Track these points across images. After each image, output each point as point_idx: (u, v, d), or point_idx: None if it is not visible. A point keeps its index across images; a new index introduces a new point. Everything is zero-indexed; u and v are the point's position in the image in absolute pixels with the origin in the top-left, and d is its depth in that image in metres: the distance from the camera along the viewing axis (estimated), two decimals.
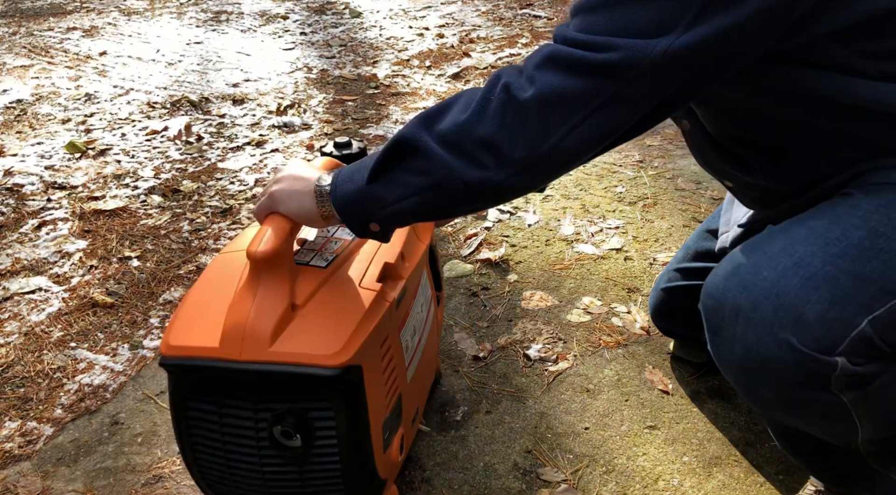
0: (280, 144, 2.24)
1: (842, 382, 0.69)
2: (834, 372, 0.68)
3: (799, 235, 0.72)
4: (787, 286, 0.68)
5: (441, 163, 0.70)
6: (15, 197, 1.94)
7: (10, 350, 1.37)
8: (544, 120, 0.68)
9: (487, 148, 0.69)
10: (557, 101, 0.67)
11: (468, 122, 0.69)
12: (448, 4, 3.83)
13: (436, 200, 0.73)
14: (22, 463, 1.12)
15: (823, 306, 0.67)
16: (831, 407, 0.72)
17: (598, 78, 0.66)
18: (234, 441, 0.83)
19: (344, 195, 0.77)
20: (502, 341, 1.34)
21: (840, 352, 0.67)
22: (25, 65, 3.06)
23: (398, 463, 0.94)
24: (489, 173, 0.69)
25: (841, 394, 0.71)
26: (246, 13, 3.83)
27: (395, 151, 0.73)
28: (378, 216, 0.76)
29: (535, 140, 0.68)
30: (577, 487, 1.03)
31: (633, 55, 0.65)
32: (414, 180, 0.72)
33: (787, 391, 0.71)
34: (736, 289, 0.72)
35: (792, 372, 0.69)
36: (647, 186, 1.89)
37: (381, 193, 0.74)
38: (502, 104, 0.69)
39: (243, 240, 0.94)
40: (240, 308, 0.79)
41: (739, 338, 0.71)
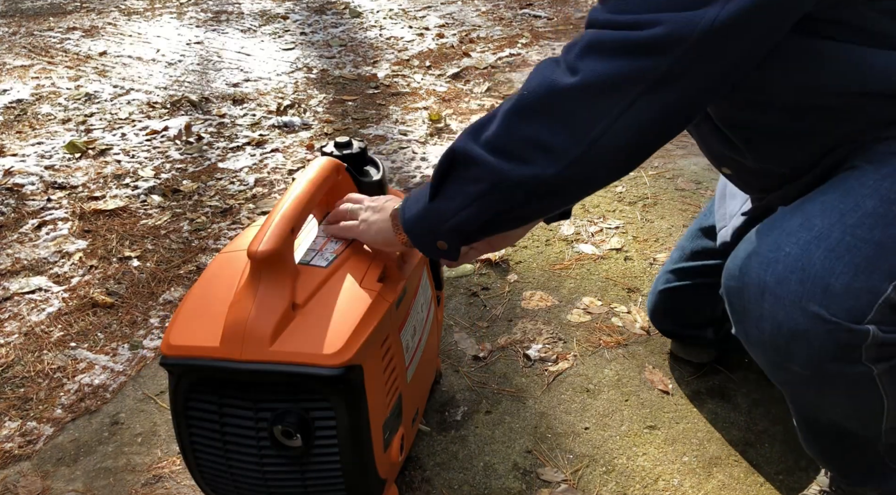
0: (280, 144, 2.24)
1: (873, 352, 0.69)
2: (865, 341, 0.67)
3: (814, 210, 0.71)
4: (810, 259, 0.68)
5: (490, 167, 0.69)
6: (15, 197, 1.94)
7: (10, 350, 1.37)
8: (589, 107, 0.65)
9: (534, 144, 0.67)
10: (603, 86, 0.64)
11: (511, 122, 0.68)
12: (448, 4, 3.83)
13: (494, 206, 0.72)
14: (22, 463, 1.12)
15: (849, 275, 0.67)
16: (859, 383, 0.72)
17: (645, 57, 0.62)
18: (235, 440, 0.83)
19: (411, 216, 0.79)
20: (502, 341, 1.34)
21: (870, 320, 0.67)
22: (25, 65, 3.06)
23: (398, 463, 0.94)
24: (538, 169, 0.67)
25: (872, 366, 0.70)
26: (246, 13, 3.83)
27: (448, 164, 0.74)
28: (442, 231, 0.76)
29: (582, 129, 0.65)
30: (577, 487, 1.03)
31: (681, 28, 0.61)
32: (469, 189, 0.72)
33: (820, 364, 0.70)
34: (759, 268, 0.71)
35: (824, 344, 0.68)
36: (647, 186, 1.89)
37: (442, 208, 0.75)
38: (542, 97, 0.67)
39: (244, 239, 0.94)
40: (240, 307, 0.79)
41: (768, 316, 0.71)
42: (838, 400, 0.78)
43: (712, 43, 0.62)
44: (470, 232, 0.76)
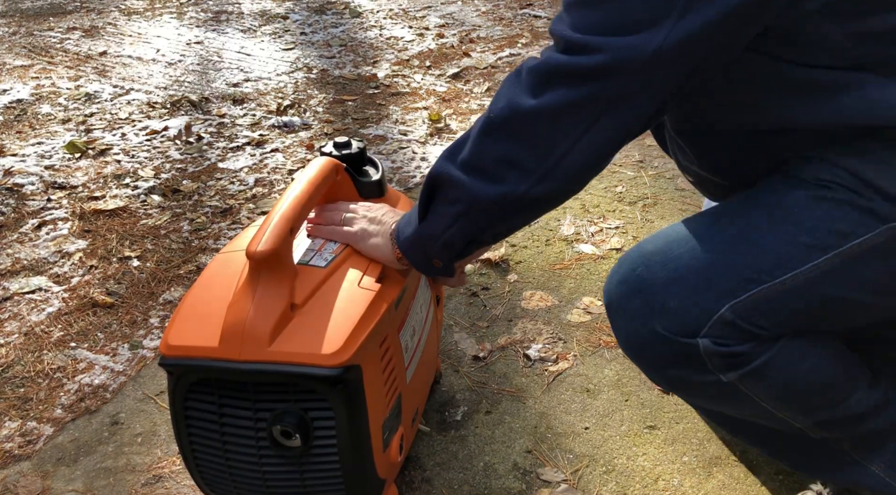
0: (280, 144, 2.24)
1: (717, 363, 0.74)
2: (699, 352, 0.74)
3: (678, 232, 0.78)
4: (654, 280, 0.75)
5: (466, 187, 0.74)
6: (15, 197, 1.94)
7: (10, 350, 1.37)
8: (551, 129, 0.69)
9: (504, 163, 0.71)
10: (560, 112, 0.68)
11: (482, 143, 0.72)
12: (448, 4, 3.83)
13: (474, 224, 0.76)
14: (22, 463, 1.12)
15: (684, 295, 0.74)
16: (721, 389, 0.77)
17: (593, 83, 0.66)
18: (234, 440, 0.83)
19: (405, 239, 0.83)
20: (502, 341, 1.34)
21: (703, 334, 0.73)
22: (25, 65, 3.06)
23: (398, 464, 0.94)
24: (510, 187, 0.72)
25: (721, 374, 0.75)
26: (246, 13, 3.83)
27: (431, 187, 0.78)
28: (434, 251, 0.81)
29: (547, 148, 0.70)
30: (577, 487, 1.03)
31: (626, 55, 0.64)
32: (450, 210, 0.76)
33: (667, 372, 0.78)
34: (616, 286, 0.79)
35: (664, 354, 0.76)
36: (647, 186, 1.89)
37: (430, 229, 0.79)
38: (507, 119, 0.71)
39: (243, 239, 0.94)
40: (239, 307, 0.79)
41: (622, 329, 0.79)
42: (713, 403, 0.83)
43: (658, 68, 0.65)
44: (458, 249, 0.80)
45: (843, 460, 0.86)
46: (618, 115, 0.68)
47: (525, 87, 0.70)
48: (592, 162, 0.72)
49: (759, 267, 0.72)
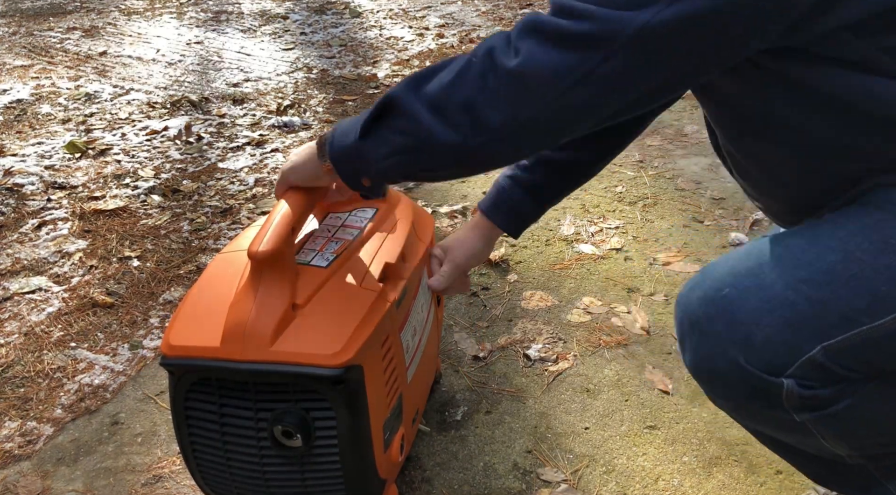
0: (280, 144, 2.24)
1: (795, 402, 0.70)
2: (781, 393, 0.69)
3: (773, 254, 0.71)
4: (742, 306, 0.70)
5: (423, 125, 0.71)
6: (15, 197, 1.94)
7: (10, 350, 1.37)
8: (524, 90, 0.67)
9: (467, 111, 0.69)
10: (537, 73, 0.65)
11: (451, 84, 0.70)
12: (448, 4, 3.83)
13: (417, 161, 0.74)
14: (22, 463, 1.12)
15: (774, 329, 0.68)
16: (787, 424, 0.73)
17: (575, 51, 0.64)
18: (235, 440, 0.83)
19: (339, 149, 0.78)
20: (502, 341, 1.34)
21: (789, 374, 0.68)
22: (25, 65, 3.06)
23: (398, 463, 0.94)
24: (465, 138, 0.69)
25: (795, 414, 0.71)
26: (246, 13, 3.83)
27: (384, 109, 0.74)
28: (367, 172, 0.77)
29: (513, 109, 0.67)
30: (577, 487, 1.04)
31: (612, 27, 0.62)
32: (398, 140, 0.73)
33: (738, 404, 0.74)
34: (697, 302, 0.73)
35: (739, 387, 0.71)
36: (647, 186, 1.89)
37: (370, 150, 0.75)
38: (485, 69, 0.68)
39: (244, 239, 0.94)
40: (241, 307, 0.79)
41: (695, 349, 0.74)
42: (777, 432, 0.79)
43: (640, 46, 0.62)
44: (392, 178, 0.78)
45: (871, 480, 0.83)
46: (593, 88, 0.65)
47: (511, 40, 0.68)
48: (554, 131, 0.70)
49: (859, 305, 0.66)
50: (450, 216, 1.78)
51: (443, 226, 1.74)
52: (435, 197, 1.89)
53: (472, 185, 1.93)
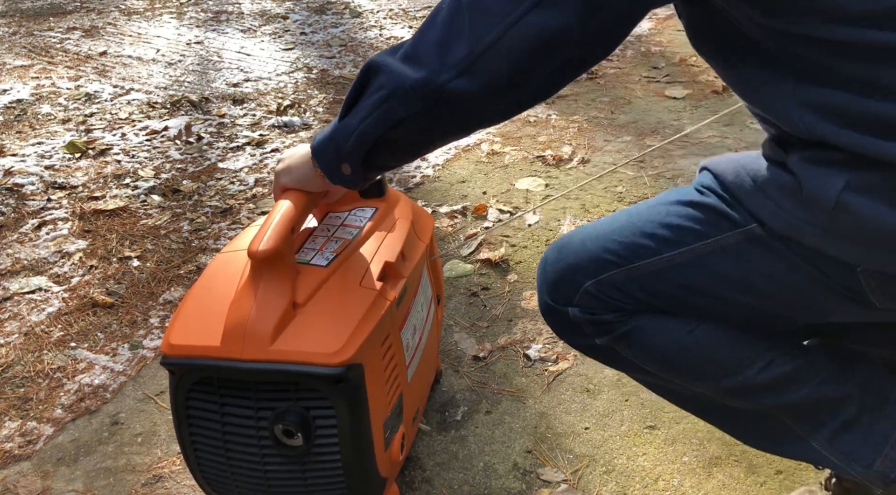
0: (280, 144, 2.24)
1: (589, 329, 0.85)
2: (569, 318, 0.84)
3: (601, 220, 0.88)
4: (548, 258, 0.88)
5: (395, 73, 0.71)
6: (15, 197, 1.94)
7: (10, 350, 1.37)
8: (485, 15, 0.67)
9: (436, 48, 0.69)
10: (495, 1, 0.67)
11: (424, 30, 0.71)
12: None
13: (392, 114, 0.72)
14: (22, 463, 1.12)
15: (563, 271, 0.85)
16: (603, 352, 0.87)
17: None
18: (236, 439, 0.83)
19: (320, 139, 0.79)
20: (502, 341, 1.34)
21: (574, 303, 0.84)
22: (25, 65, 3.06)
23: (399, 462, 0.94)
24: (431, 73, 0.69)
25: (595, 339, 0.85)
26: (246, 13, 3.83)
27: (361, 78, 0.74)
28: (345, 151, 0.76)
29: (475, 36, 0.68)
30: (577, 487, 1.03)
31: None
32: (372, 98, 0.73)
33: (561, 335, 0.90)
34: (547, 252, 0.91)
35: (553, 321, 0.88)
36: (647, 186, 1.89)
37: (348, 122, 0.75)
38: (452, 8, 0.69)
39: (244, 239, 0.94)
40: (241, 307, 0.79)
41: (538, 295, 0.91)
42: (617, 366, 0.92)
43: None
44: (369, 149, 0.75)
45: (788, 434, 0.88)
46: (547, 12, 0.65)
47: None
48: (515, 64, 0.68)
49: (619, 252, 0.82)
50: (449, 216, 1.78)
51: (443, 226, 1.74)
52: (435, 197, 1.89)
53: (471, 185, 1.93)
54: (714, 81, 2.58)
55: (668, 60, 2.86)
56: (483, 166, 2.04)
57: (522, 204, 1.82)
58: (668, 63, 2.83)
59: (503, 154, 2.11)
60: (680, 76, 2.70)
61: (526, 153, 2.11)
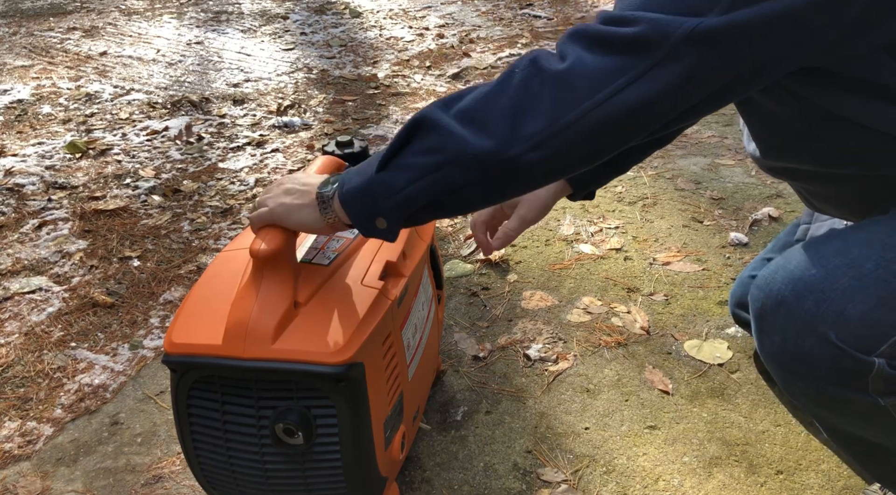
0: (280, 144, 2.24)
1: (880, 385, 0.69)
2: (870, 372, 0.68)
3: (857, 239, 0.71)
4: (833, 283, 0.68)
5: (455, 137, 0.66)
6: (15, 197, 1.94)
7: (10, 350, 1.37)
8: (569, 91, 0.64)
9: (507, 117, 0.65)
10: (584, 74, 0.64)
11: (490, 93, 0.67)
12: (448, 4, 3.83)
13: (447, 180, 0.67)
14: (22, 463, 1.12)
15: (868, 306, 0.67)
16: (872, 410, 0.72)
17: (624, 54, 0.63)
18: (237, 438, 0.83)
19: (351, 189, 0.72)
20: (502, 341, 1.34)
21: (880, 353, 0.67)
22: (26, 65, 3.06)
23: (399, 461, 0.94)
24: (501, 144, 0.65)
25: (879, 398, 0.70)
26: (246, 13, 3.83)
27: (408, 132, 0.69)
28: (385, 207, 0.71)
29: (557, 112, 0.64)
30: (577, 487, 1.04)
31: (661, 30, 0.61)
32: (425, 161, 0.67)
33: (822, 386, 0.71)
34: (783, 282, 0.72)
35: (826, 366, 0.69)
36: (647, 186, 1.89)
37: (390, 180, 0.69)
38: (528, 76, 0.66)
39: (245, 238, 0.94)
40: (242, 305, 0.79)
41: (779, 328, 0.72)
42: (855, 422, 0.77)
43: (686, 51, 0.61)
44: (415, 210, 0.71)
45: None
46: (641, 91, 0.62)
47: (556, 49, 0.67)
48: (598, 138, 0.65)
49: None
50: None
51: (443, 226, 1.74)
52: None
53: None
54: None
55: None
56: None
57: None
58: None
59: None
60: None
61: None
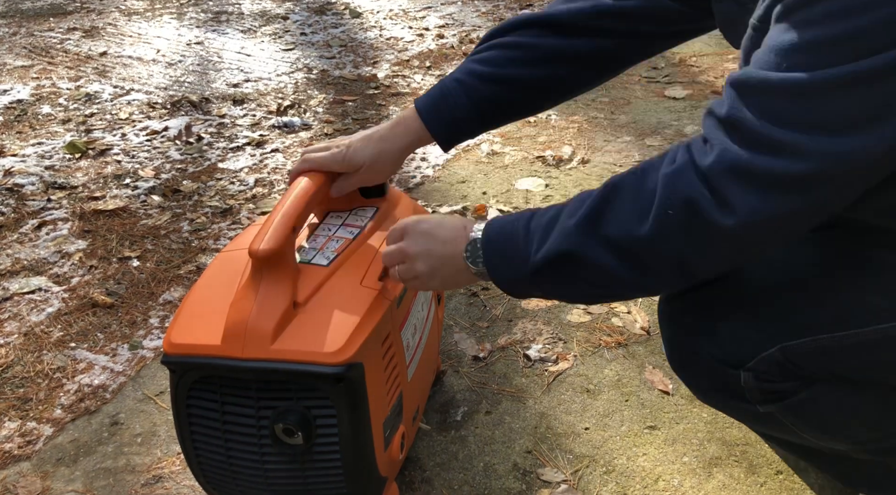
0: (280, 144, 2.24)
1: (756, 395, 0.73)
2: (739, 383, 0.72)
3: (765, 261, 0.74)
4: (714, 301, 0.73)
5: (615, 277, 0.65)
6: (15, 197, 1.94)
7: (10, 350, 1.37)
8: (745, 246, 0.62)
9: (674, 264, 0.63)
10: (759, 229, 0.60)
11: (650, 238, 0.62)
12: (448, 5, 3.83)
13: (599, 299, 0.74)
14: (22, 464, 1.12)
15: (739, 325, 0.71)
16: (758, 416, 0.76)
17: (796, 193, 0.58)
18: (236, 438, 0.83)
19: (506, 281, 0.73)
20: (502, 341, 1.34)
21: (748, 367, 0.71)
22: (26, 65, 3.06)
23: (399, 461, 0.94)
24: (669, 284, 0.69)
25: (758, 405, 0.74)
26: (246, 13, 3.83)
27: (559, 262, 0.68)
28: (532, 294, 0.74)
29: (731, 260, 0.64)
30: (577, 487, 1.03)
31: (832, 166, 0.56)
32: (584, 289, 0.69)
33: (707, 394, 0.78)
34: (675, 296, 0.77)
35: (702, 376, 0.75)
36: None
37: (544, 289, 0.72)
38: (689, 223, 0.61)
39: (245, 238, 0.94)
40: (242, 306, 0.79)
41: (667, 340, 0.78)
42: (754, 425, 0.82)
43: (858, 177, 0.59)
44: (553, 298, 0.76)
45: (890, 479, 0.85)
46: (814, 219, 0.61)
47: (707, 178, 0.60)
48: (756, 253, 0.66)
49: (824, 318, 0.68)
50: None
51: None
52: (435, 197, 1.89)
53: (471, 186, 1.93)
54: (714, 82, 2.59)
55: (667, 60, 2.86)
56: (483, 166, 2.04)
57: (522, 204, 1.82)
58: (668, 63, 2.84)
59: (503, 154, 2.11)
60: (680, 76, 2.70)
61: (526, 153, 2.11)
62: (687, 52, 2.84)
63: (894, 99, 0.54)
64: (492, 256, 0.73)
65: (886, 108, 0.54)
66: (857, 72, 0.53)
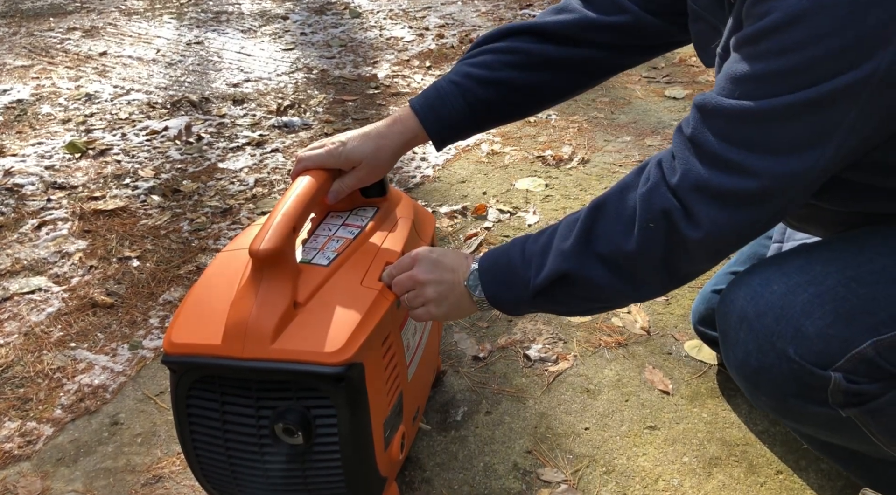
0: (280, 144, 2.24)
1: (839, 397, 0.71)
2: (828, 386, 0.71)
3: (821, 256, 0.75)
4: (793, 300, 0.72)
5: (611, 290, 0.74)
6: (15, 197, 1.94)
7: (10, 350, 1.37)
8: (714, 252, 0.70)
9: (660, 270, 0.71)
10: (725, 238, 0.68)
11: (638, 250, 0.70)
12: (448, 5, 3.83)
13: (597, 311, 0.82)
14: (22, 464, 1.12)
15: (826, 322, 0.70)
16: (835, 421, 0.74)
17: (753, 205, 0.66)
18: (236, 438, 0.83)
19: (508, 304, 0.82)
20: (502, 341, 1.34)
21: (837, 367, 0.70)
22: (26, 65, 3.06)
23: (399, 461, 0.94)
24: (659, 290, 0.74)
25: (840, 409, 0.72)
26: (246, 13, 3.83)
27: (559, 283, 0.76)
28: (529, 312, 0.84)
29: (704, 263, 0.72)
30: (577, 487, 1.03)
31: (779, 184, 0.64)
32: (582, 303, 0.78)
33: (783, 400, 0.75)
34: (745, 298, 0.75)
35: (786, 381, 0.72)
36: None
37: (545, 308, 0.81)
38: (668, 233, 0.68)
39: (245, 238, 0.94)
40: (242, 306, 0.79)
41: (741, 344, 0.75)
42: (820, 431, 0.80)
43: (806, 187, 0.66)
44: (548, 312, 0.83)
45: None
46: (766, 226, 0.69)
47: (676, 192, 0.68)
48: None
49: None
50: (449, 216, 1.78)
51: (443, 226, 1.74)
52: (435, 197, 1.89)
53: (471, 185, 1.93)
54: (714, 82, 2.58)
55: (667, 60, 2.86)
56: (483, 166, 2.05)
57: (522, 204, 1.82)
58: (668, 63, 2.84)
59: (503, 154, 2.11)
60: (680, 76, 2.70)
61: (526, 153, 2.11)
62: (687, 52, 2.84)
63: (830, 124, 0.61)
64: (490, 284, 0.82)
65: (823, 131, 0.61)
66: (796, 101, 0.60)
